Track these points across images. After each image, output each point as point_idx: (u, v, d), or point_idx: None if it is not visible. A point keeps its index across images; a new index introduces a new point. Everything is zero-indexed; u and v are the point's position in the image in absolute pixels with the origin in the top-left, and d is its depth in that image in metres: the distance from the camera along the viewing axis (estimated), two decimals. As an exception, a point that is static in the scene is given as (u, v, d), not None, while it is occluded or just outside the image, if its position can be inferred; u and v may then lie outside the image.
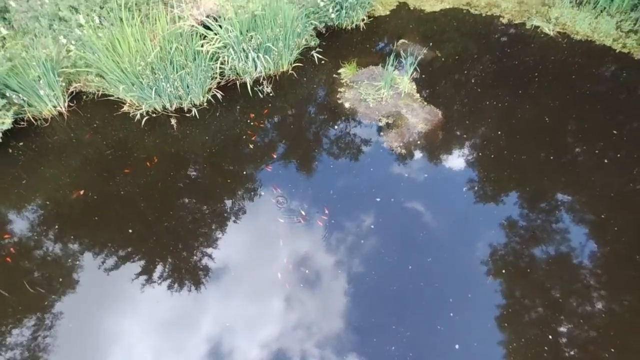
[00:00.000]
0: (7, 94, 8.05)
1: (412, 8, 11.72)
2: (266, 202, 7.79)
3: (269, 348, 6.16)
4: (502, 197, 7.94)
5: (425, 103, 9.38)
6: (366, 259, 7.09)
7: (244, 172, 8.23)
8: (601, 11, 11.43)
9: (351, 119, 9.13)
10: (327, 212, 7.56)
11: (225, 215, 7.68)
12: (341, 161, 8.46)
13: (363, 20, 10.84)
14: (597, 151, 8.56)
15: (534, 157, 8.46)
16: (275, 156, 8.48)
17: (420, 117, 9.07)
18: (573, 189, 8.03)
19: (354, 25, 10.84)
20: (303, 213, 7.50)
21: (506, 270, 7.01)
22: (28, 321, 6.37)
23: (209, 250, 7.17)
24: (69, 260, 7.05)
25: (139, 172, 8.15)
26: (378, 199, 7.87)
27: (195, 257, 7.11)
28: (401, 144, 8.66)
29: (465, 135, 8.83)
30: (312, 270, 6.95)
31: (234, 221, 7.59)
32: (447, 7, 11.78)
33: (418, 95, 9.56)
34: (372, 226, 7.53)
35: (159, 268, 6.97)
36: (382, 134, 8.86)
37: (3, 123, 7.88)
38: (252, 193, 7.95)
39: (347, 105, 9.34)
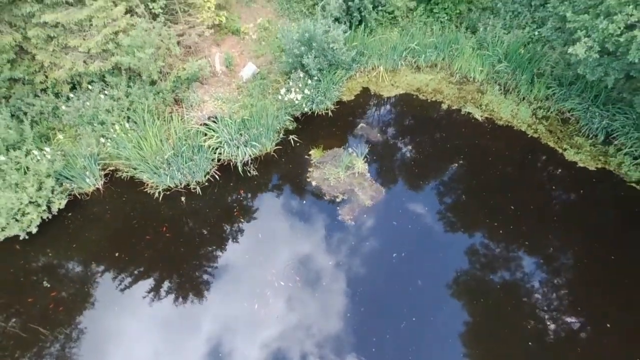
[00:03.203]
0: (63, 183, 11.08)
1: (372, 93, 14.65)
2: (251, 263, 10.81)
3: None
4: (420, 261, 10.89)
5: (374, 182, 12.35)
6: (317, 308, 10.10)
7: (235, 238, 11.24)
8: (523, 99, 14.32)
9: (316, 196, 12.10)
10: (297, 278, 10.56)
11: (222, 271, 10.70)
12: (306, 230, 11.44)
13: (330, 108, 13.74)
14: (496, 224, 11.51)
15: (451, 230, 11.43)
16: (258, 224, 11.48)
17: (368, 195, 12.04)
18: (474, 255, 10.99)
19: (323, 112, 13.74)
20: (282, 283, 10.46)
21: (416, 318, 9.99)
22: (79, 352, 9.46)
23: (207, 294, 10.24)
24: (108, 310, 10.10)
25: (157, 239, 11.17)
26: (330, 263, 10.87)
27: (198, 300, 10.15)
28: (352, 217, 11.64)
29: (400, 211, 11.79)
30: (275, 313, 9.99)
31: (228, 278, 10.61)
32: (401, 92, 14.69)
33: (369, 174, 12.52)
34: (324, 283, 10.54)
35: (176, 310, 10.02)
36: (338, 208, 11.83)
37: (60, 204, 10.91)
38: (239, 254, 10.97)
39: (314, 183, 12.31)
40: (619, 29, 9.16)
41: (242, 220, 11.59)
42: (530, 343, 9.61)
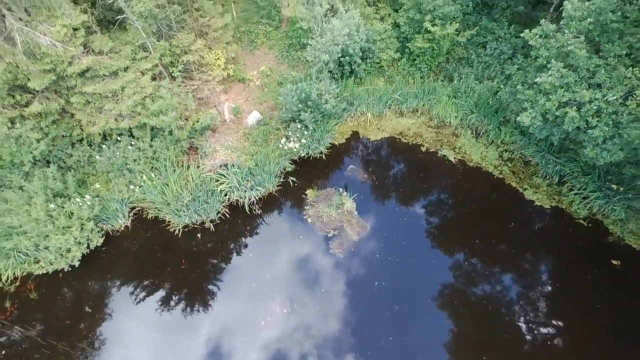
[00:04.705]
0: (99, 223, 13.28)
1: (361, 137, 16.81)
2: (257, 289, 13.01)
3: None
4: (398, 289, 13.07)
5: (360, 219, 14.54)
6: (310, 326, 12.31)
7: (242, 268, 13.44)
8: (492, 142, 16.47)
9: (311, 231, 14.29)
10: (294, 305, 12.75)
11: (231, 296, 12.90)
12: (302, 262, 13.63)
13: (323, 152, 15.90)
14: (462, 255, 13.70)
15: (424, 262, 13.62)
16: (262, 256, 13.68)
17: (355, 230, 14.23)
18: (444, 284, 13.18)
19: (318, 155, 15.89)
20: (285, 310, 12.65)
21: (393, 338, 12.18)
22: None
23: (217, 313, 12.45)
24: (137, 329, 12.31)
25: (178, 269, 13.37)
26: (322, 290, 13.08)
27: (212, 318, 12.37)
28: (341, 250, 13.83)
29: (381, 245, 13.98)
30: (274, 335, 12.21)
31: (238, 302, 12.81)
32: (386, 135, 16.85)
33: (356, 212, 14.70)
34: (317, 307, 12.75)
35: (194, 328, 12.23)
36: (329, 242, 14.02)
37: (98, 241, 13.11)
38: (246, 282, 13.16)
39: (309, 220, 14.50)
40: (554, 106, 11.35)
41: (249, 252, 13.78)
42: (484, 358, 11.81)
